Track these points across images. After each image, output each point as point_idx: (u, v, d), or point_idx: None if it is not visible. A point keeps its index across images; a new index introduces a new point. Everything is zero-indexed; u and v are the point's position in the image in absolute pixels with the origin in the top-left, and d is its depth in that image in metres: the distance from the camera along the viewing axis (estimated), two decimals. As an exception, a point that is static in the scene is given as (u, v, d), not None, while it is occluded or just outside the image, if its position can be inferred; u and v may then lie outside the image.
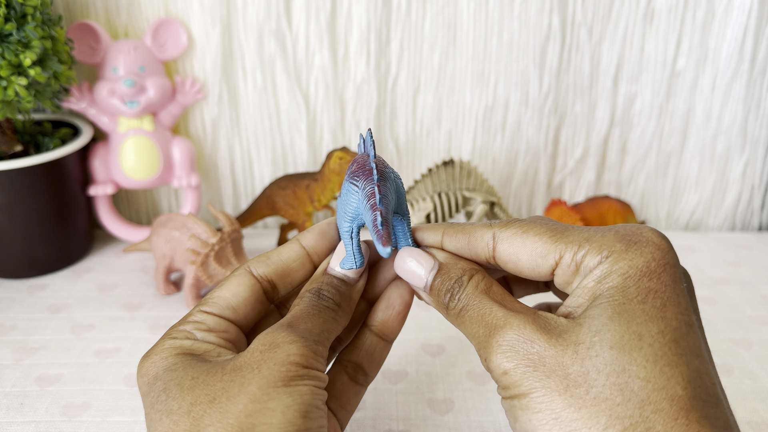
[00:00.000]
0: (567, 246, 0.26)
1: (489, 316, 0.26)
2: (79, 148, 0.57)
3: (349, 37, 0.61)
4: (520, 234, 0.28)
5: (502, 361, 0.25)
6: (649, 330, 0.23)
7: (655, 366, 0.22)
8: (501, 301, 0.27)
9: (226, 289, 0.30)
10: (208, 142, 0.64)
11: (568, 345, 0.24)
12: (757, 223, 0.70)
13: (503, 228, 0.28)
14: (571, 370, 0.23)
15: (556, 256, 0.26)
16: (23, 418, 0.41)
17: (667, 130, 0.65)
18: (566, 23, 0.61)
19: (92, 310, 0.52)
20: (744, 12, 0.59)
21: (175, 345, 0.28)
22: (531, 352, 0.24)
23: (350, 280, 0.31)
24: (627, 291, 0.24)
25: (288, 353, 0.26)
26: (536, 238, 0.27)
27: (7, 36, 0.48)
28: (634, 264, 0.24)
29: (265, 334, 0.27)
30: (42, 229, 0.56)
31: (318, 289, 0.30)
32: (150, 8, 0.59)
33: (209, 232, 0.51)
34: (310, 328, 0.28)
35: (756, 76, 0.62)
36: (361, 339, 0.34)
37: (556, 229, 0.27)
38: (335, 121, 0.64)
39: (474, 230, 0.29)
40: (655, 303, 0.24)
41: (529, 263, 0.27)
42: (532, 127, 0.65)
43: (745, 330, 0.51)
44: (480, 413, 0.42)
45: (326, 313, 0.29)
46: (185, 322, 0.29)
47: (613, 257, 0.25)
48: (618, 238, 0.25)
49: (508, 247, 0.28)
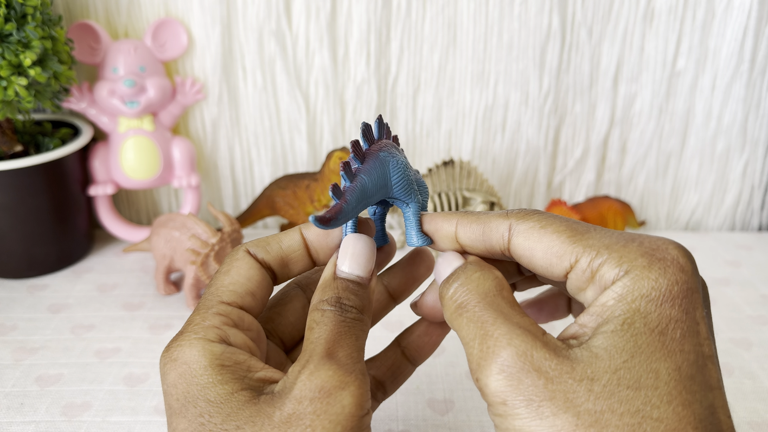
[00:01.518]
0: (585, 250, 0.24)
1: (488, 325, 0.24)
2: (79, 148, 0.57)
3: (349, 37, 0.61)
4: (538, 229, 0.26)
5: (500, 386, 0.22)
6: (666, 367, 0.22)
7: (669, 406, 0.21)
8: (506, 311, 0.24)
9: (236, 273, 0.28)
10: (208, 142, 0.64)
11: (582, 380, 0.22)
12: (757, 223, 0.70)
13: (520, 220, 0.26)
14: (583, 408, 0.21)
15: (572, 259, 0.25)
16: (23, 418, 0.41)
17: (667, 130, 0.66)
18: (566, 23, 0.61)
19: (92, 310, 0.52)
20: (744, 12, 0.59)
21: (207, 351, 0.25)
22: (537, 384, 0.22)
23: (363, 280, 0.28)
24: (648, 318, 0.22)
25: (343, 405, 0.23)
26: (554, 236, 0.25)
27: (7, 36, 0.48)
28: (657, 286, 0.23)
29: (312, 371, 0.24)
30: (42, 229, 0.56)
31: (337, 299, 0.27)
32: (150, 8, 0.59)
33: (209, 232, 0.51)
34: (350, 354, 0.25)
35: (756, 76, 0.62)
36: (388, 355, 0.33)
37: (576, 229, 0.25)
38: (335, 121, 0.64)
39: (489, 220, 0.27)
40: (675, 334, 0.22)
41: (543, 261, 0.26)
42: (532, 127, 0.65)
43: (745, 330, 0.51)
44: (480, 413, 0.42)
45: (356, 328, 0.26)
46: (211, 315, 0.26)
47: (634, 273, 0.23)
48: (641, 251, 0.23)
49: (523, 241, 0.26)
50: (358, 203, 0.27)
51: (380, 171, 0.28)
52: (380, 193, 0.28)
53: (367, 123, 0.28)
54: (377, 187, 0.28)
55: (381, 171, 0.28)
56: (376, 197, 0.28)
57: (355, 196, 0.27)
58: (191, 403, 0.24)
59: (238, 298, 0.27)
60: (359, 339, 0.26)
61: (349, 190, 0.27)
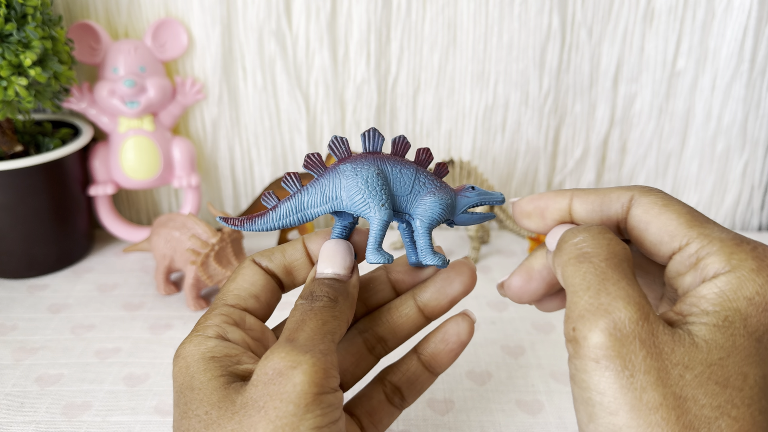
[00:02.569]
0: (699, 236, 0.25)
1: (610, 283, 0.23)
2: (79, 149, 0.57)
3: (349, 37, 0.61)
4: (660, 205, 0.26)
5: (601, 343, 0.22)
6: (755, 372, 0.22)
7: (748, 409, 0.22)
8: (630, 275, 0.24)
9: (241, 280, 0.29)
10: (208, 142, 0.64)
11: (678, 364, 0.22)
12: (757, 223, 0.70)
13: (644, 193, 0.27)
14: (671, 391, 0.22)
15: (683, 241, 0.25)
16: (23, 418, 0.41)
17: (667, 130, 0.66)
18: (566, 23, 0.61)
19: (92, 310, 0.52)
20: (744, 12, 0.59)
21: (204, 346, 0.27)
22: (638, 353, 0.22)
23: (341, 277, 0.29)
24: (748, 321, 0.23)
25: (295, 384, 0.24)
26: (673, 215, 0.26)
27: (8, 36, 0.48)
28: (762, 292, 0.23)
29: (267, 356, 0.25)
30: (42, 229, 0.56)
31: (310, 292, 0.28)
32: (150, 8, 0.59)
33: (209, 232, 0.51)
34: (311, 336, 0.26)
35: (756, 76, 0.62)
36: (407, 364, 0.33)
37: (696, 216, 0.26)
38: (335, 121, 0.64)
39: (609, 192, 0.28)
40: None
41: (655, 237, 0.26)
42: (532, 127, 0.65)
43: (745, 330, 0.51)
44: (480, 413, 0.42)
45: (323, 313, 0.27)
46: (214, 315, 0.28)
47: (740, 273, 0.23)
48: (754, 255, 0.24)
49: (642, 213, 0.26)
50: (287, 215, 0.30)
51: (332, 185, 0.29)
52: (326, 206, 0.29)
53: (337, 137, 0.29)
54: (321, 201, 0.29)
55: (333, 185, 0.29)
56: (320, 209, 0.30)
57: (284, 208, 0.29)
58: (183, 392, 0.26)
59: (241, 300, 0.29)
60: (326, 323, 0.27)
61: (281, 202, 0.30)
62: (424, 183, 0.30)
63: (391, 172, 0.29)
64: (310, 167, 0.30)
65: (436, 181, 0.30)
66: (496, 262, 0.60)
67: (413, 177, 0.30)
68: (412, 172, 0.30)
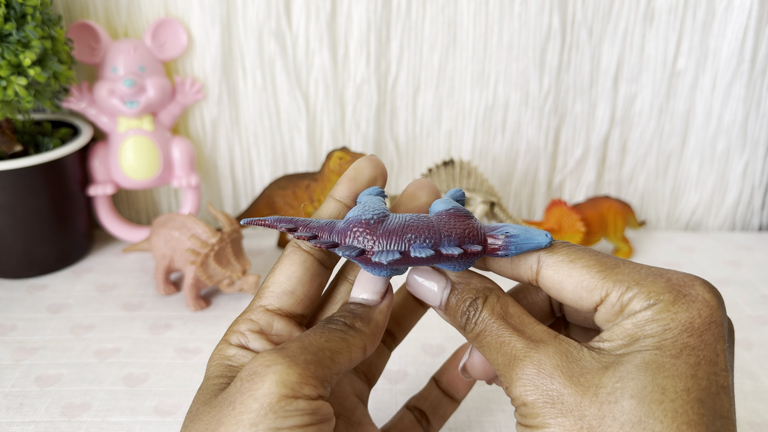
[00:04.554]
0: (615, 285, 0.25)
1: (508, 345, 0.26)
2: (78, 148, 0.57)
3: (349, 37, 0.61)
4: (567, 263, 0.26)
5: (522, 393, 0.24)
6: (674, 385, 0.22)
7: (673, 422, 0.22)
8: (520, 326, 0.26)
9: (278, 272, 0.29)
10: (208, 142, 0.64)
11: (589, 387, 0.23)
12: (757, 223, 0.70)
13: (548, 253, 0.27)
14: (588, 412, 0.23)
15: (603, 293, 0.25)
16: (23, 418, 0.41)
17: (667, 130, 0.65)
18: (566, 23, 0.61)
19: (92, 310, 0.52)
20: (744, 12, 0.59)
21: (223, 354, 0.27)
22: (551, 388, 0.24)
23: (369, 302, 0.29)
24: (663, 343, 0.23)
25: (264, 383, 0.23)
26: (584, 270, 0.26)
27: (7, 36, 0.48)
28: (678, 318, 0.23)
29: (252, 358, 0.25)
30: (42, 229, 0.56)
31: (331, 317, 0.28)
32: (150, 8, 0.59)
33: (209, 232, 0.51)
34: (304, 345, 0.25)
35: (756, 76, 0.62)
36: (428, 391, 0.35)
37: (606, 264, 0.26)
38: (335, 121, 0.64)
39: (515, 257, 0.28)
40: (689, 360, 0.23)
41: (573, 295, 0.26)
42: (532, 127, 0.65)
43: (745, 330, 0.51)
44: (480, 413, 0.42)
45: (331, 334, 0.26)
46: (243, 320, 0.28)
47: (658, 306, 0.24)
48: (669, 287, 0.24)
49: (552, 275, 0.27)
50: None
51: None
52: None
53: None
54: None
55: None
56: None
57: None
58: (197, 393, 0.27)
59: (275, 298, 0.29)
60: (330, 341, 0.26)
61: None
62: None
63: None
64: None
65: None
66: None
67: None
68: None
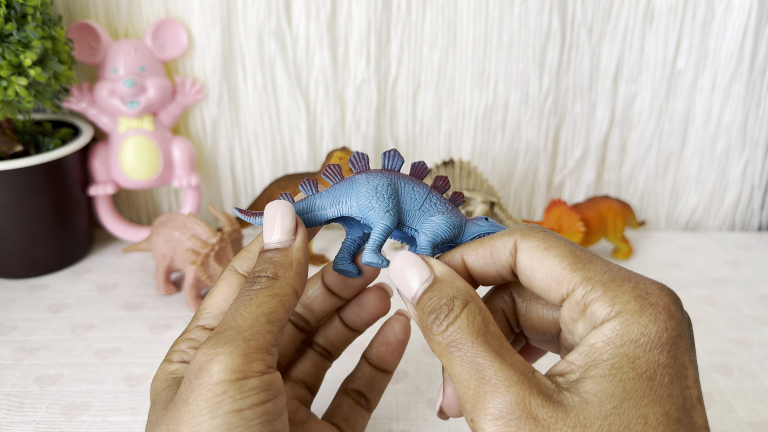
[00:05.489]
0: (582, 281, 0.24)
1: (484, 368, 0.23)
2: (79, 148, 0.57)
3: (349, 37, 0.61)
4: (542, 250, 0.26)
5: (495, 429, 0.23)
6: (655, 412, 0.22)
7: None
8: (498, 349, 0.24)
9: (216, 295, 0.29)
10: (208, 142, 0.64)
11: (575, 427, 0.22)
12: (757, 223, 0.70)
13: (525, 237, 0.26)
14: None
15: (569, 288, 0.25)
16: (23, 418, 0.41)
17: (667, 130, 0.66)
18: (566, 23, 0.61)
19: (92, 310, 0.52)
20: (744, 12, 0.59)
21: (166, 371, 0.28)
22: (531, 428, 0.22)
23: (283, 244, 0.28)
24: (637, 363, 0.23)
25: (211, 374, 0.24)
26: (556, 260, 0.25)
27: (8, 36, 0.48)
28: (647, 332, 0.23)
29: (194, 354, 0.25)
30: (42, 229, 0.56)
31: (253, 273, 0.28)
32: (150, 8, 0.59)
33: (209, 232, 0.51)
34: (239, 324, 0.25)
35: (756, 76, 0.62)
36: (361, 370, 0.35)
37: (579, 258, 0.25)
38: (335, 121, 0.64)
39: (494, 240, 0.27)
40: (663, 380, 0.23)
41: (543, 283, 0.26)
42: (532, 127, 0.65)
43: (745, 330, 0.51)
44: (480, 413, 0.42)
45: (260, 296, 0.26)
46: (182, 340, 0.29)
47: (624, 317, 0.23)
48: (635, 294, 0.24)
49: (526, 260, 0.26)
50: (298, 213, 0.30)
51: (344, 191, 0.30)
52: (335, 209, 0.30)
53: (358, 153, 0.31)
54: (331, 204, 0.30)
55: (345, 191, 0.30)
56: (329, 212, 0.30)
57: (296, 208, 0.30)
58: (150, 409, 0.27)
59: (212, 319, 0.29)
60: (261, 305, 0.26)
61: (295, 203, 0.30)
62: (435, 203, 0.30)
63: (403, 188, 0.30)
64: (328, 176, 0.31)
65: (448, 204, 0.31)
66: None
67: (425, 196, 0.30)
68: (425, 191, 0.30)
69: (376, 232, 0.29)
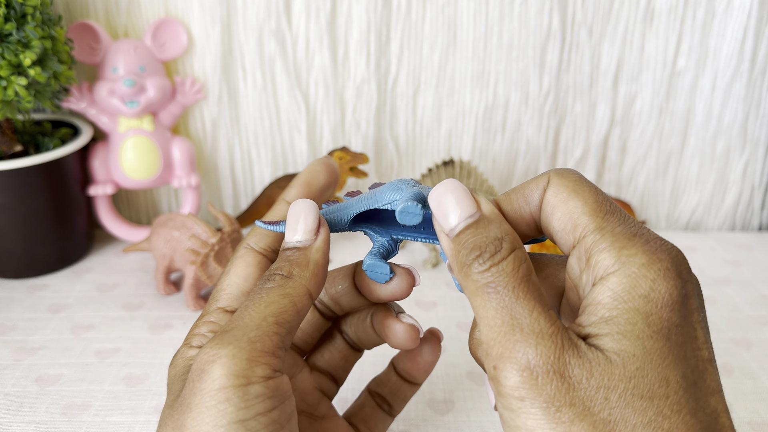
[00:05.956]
0: (595, 230, 0.23)
1: (519, 316, 0.22)
2: (79, 148, 0.57)
3: (349, 37, 0.61)
4: (569, 191, 0.24)
5: (520, 383, 0.22)
6: (675, 374, 0.21)
7: (678, 416, 0.21)
8: (538, 299, 0.23)
9: (234, 274, 0.29)
10: (208, 142, 0.64)
11: (600, 388, 0.21)
12: (757, 223, 0.70)
13: (558, 176, 0.25)
14: (599, 417, 0.21)
15: (581, 233, 0.23)
16: (23, 418, 0.41)
17: (667, 130, 0.65)
18: (566, 23, 0.61)
19: (92, 310, 0.52)
20: (744, 12, 0.59)
21: (185, 356, 0.27)
22: (559, 388, 0.21)
23: (304, 243, 0.27)
24: (650, 320, 0.21)
25: (213, 378, 0.23)
26: (579, 203, 0.24)
27: (7, 36, 0.48)
28: (656, 288, 0.22)
29: (198, 352, 0.25)
30: (42, 229, 0.56)
31: (270, 271, 0.27)
32: (150, 8, 0.59)
33: (209, 232, 0.51)
34: (246, 323, 0.24)
35: (756, 76, 0.62)
36: (387, 376, 0.34)
37: (601, 206, 0.24)
38: (335, 121, 0.64)
39: (529, 183, 0.26)
40: (678, 339, 0.22)
41: (559, 224, 0.24)
42: (532, 127, 0.65)
43: (745, 330, 0.51)
44: (480, 413, 0.42)
45: (270, 295, 0.25)
46: (202, 323, 0.28)
47: (630, 270, 0.22)
48: (645, 248, 0.22)
49: (551, 197, 0.25)
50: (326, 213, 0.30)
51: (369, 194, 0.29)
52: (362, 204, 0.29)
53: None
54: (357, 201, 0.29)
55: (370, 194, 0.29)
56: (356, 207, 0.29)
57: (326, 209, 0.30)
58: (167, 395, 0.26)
59: (233, 300, 0.28)
60: (271, 305, 0.25)
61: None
62: None
63: None
64: (351, 195, 0.30)
65: None
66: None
67: None
68: None
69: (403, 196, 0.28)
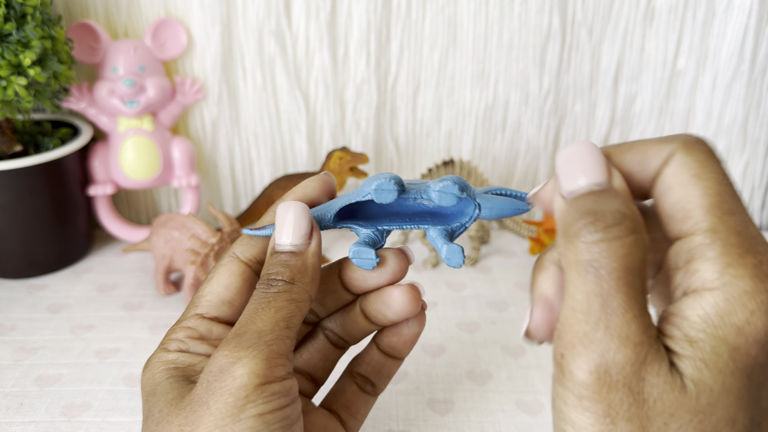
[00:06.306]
0: (707, 230, 0.21)
1: (612, 311, 0.20)
2: (78, 148, 0.57)
3: (349, 37, 0.61)
4: (691, 174, 0.22)
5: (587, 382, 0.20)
6: (743, 416, 0.20)
7: None
8: (638, 299, 0.21)
9: (216, 282, 0.29)
10: (208, 142, 0.64)
11: (661, 413, 0.20)
12: (758, 223, 0.70)
13: (684, 151, 0.22)
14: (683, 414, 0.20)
15: (691, 228, 0.21)
16: (23, 418, 0.41)
17: (667, 130, 0.65)
18: (566, 23, 0.61)
19: (92, 310, 0.52)
20: (744, 12, 0.59)
21: (164, 359, 0.27)
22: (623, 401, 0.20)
23: (298, 248, 0.28)
24: (736, 354, 0.20)
25: (234, 377, 0.24)
26: (699, 193, 0.21)
27: (7, 36, 0.48)
28: (754, 322, 0.20)
29: (214, 354, 0.25)
30: (42, 229, 0.56)
31: (267, 275, 0.27)
32: (150, 8, 0.59)
33: (209, 232, 0.51)
34: (260, 328, 0.25)
35: (756, 76, 0.62)
36: (369, 354, 0.33)
37: (723, 202, 0.21)
38: (335, 121, 0.64)
39: (649, 145, 0.23)
40: (758, 380, 0.20)
41: (669, 208, 0.22)
42: (532, 127, 0.65)
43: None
44: (480, 413, 0.42)
45: (278, 300, 0.26)
46: (179, 329, 0.28)
47: (729, 293, 0.20)
48: (754, 272, 0.20)
49: (670, 176, 0.22)
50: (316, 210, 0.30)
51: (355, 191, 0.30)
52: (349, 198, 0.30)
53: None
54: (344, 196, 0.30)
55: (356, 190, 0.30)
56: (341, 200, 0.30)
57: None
58: (147, 399, 0.27)
59: (211, 308, 0.29)
60: (280, 310, 0.26)
61: None
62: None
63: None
64: None
65: None
66: (497, 262, 0.60)
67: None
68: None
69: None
